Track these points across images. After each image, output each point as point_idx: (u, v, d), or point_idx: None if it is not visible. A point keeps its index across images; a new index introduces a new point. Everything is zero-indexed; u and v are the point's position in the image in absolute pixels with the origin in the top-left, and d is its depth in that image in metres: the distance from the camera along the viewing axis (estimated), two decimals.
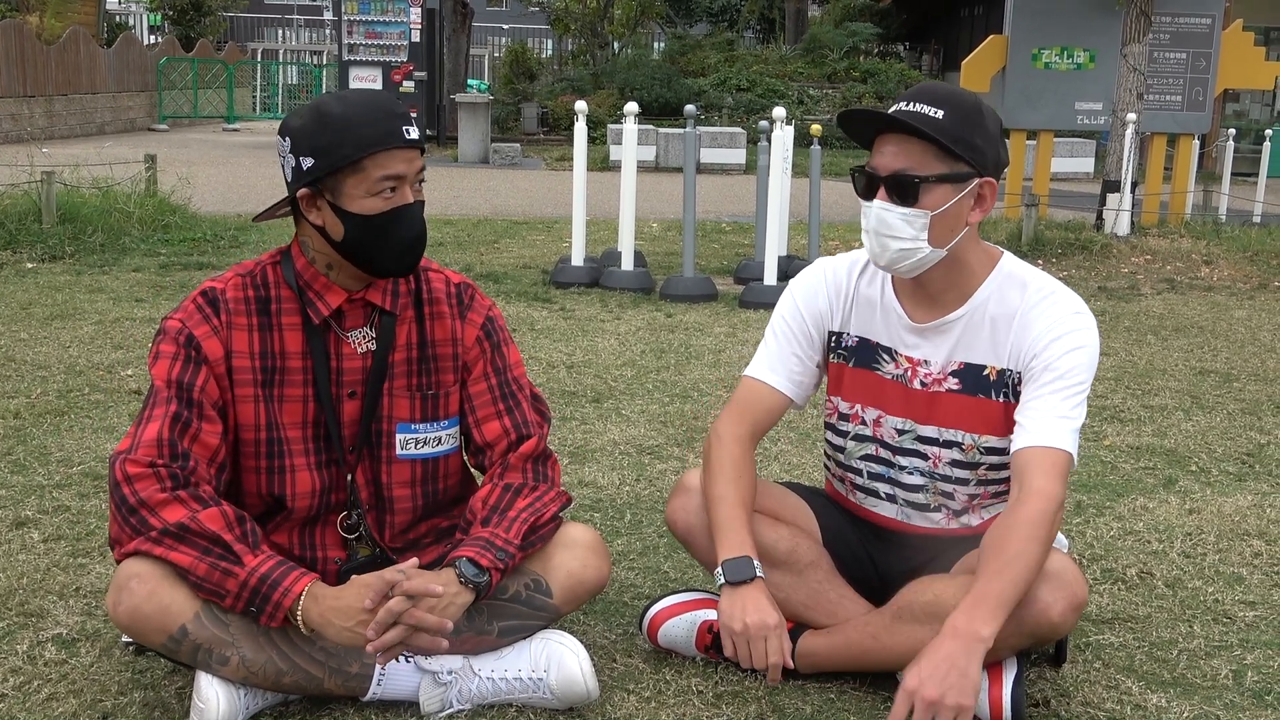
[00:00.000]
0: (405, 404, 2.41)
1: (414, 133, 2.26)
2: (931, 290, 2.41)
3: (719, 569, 2.34)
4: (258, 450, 2.34)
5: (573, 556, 2.40)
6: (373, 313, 2.39)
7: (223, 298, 2.32)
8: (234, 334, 2.30)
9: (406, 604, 2.16)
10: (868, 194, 2.32)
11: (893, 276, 2.47)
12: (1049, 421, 2.29)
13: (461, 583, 2.21)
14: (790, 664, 2.37)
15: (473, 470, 2.58)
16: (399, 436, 2.41)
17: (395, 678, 2.30)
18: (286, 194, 2.33)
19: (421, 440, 2.43)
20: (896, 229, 2.29)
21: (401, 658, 2.28)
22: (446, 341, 2.44)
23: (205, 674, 2.21)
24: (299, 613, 2.15)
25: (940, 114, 2.24)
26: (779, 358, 2.54)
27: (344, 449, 2.38)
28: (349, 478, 2.40)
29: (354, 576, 2.23)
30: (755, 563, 2.33)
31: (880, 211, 2.29)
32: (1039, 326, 2.34)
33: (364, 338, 2.38)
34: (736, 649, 2.27)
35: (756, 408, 2.53)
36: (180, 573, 2.15)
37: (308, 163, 2.23)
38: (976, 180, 2.31)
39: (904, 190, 2.27)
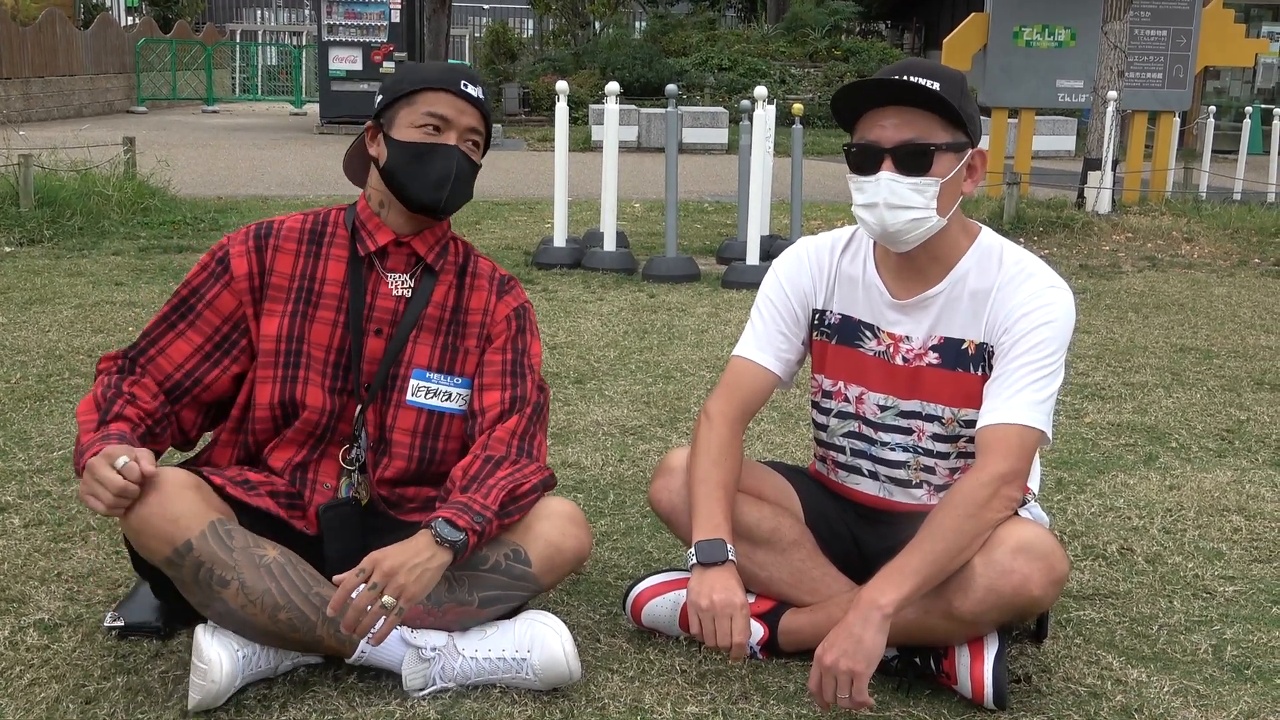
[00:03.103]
0: (426, 352, 2.51)
1: (474, 91, 2.46)
2: (916, 265, 2.41)
3: (692, 549, 2.35)
4: (277, 360, 2.47)
5: (551, 526, 2.41)
6: (416, 263, 2.52)
7: (277, 227, 2.52)
8: (278, 256, 2.49)
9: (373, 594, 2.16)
10: (869, 168, 2.31)
11: (875, 254, 2.47)
12: (1011, 398, 2.30)
13: (438, 543, 2.21)
14: (754, 650, 2.43)
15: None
16: (413, 382, 2.50)
17: (382, 644, 2.31)
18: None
19: (433, 391, 2.51)
20: (908, 199, 2.29)
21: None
22: (479, 311, 2.55)
23: (206, 635, 2.23)
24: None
25: (937, 86, 2.25)
26: (766, 336, 2.54)
27: (360, 382, 2.47)
28: (359, 410, 2.48)
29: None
30: (729, 546, 2.34)
31: (890, 183, 2.28)
32: (1013, 301, 2.36)
33: (402, 283, 2.52)
34: (702, 626, 2.28)
35: (745, 387, 2.54)
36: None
37: (379, 100, 2.50)
38: (970, 150, 2.33)
39: (916, 159, 2.27)
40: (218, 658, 2.22)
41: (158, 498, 2.20)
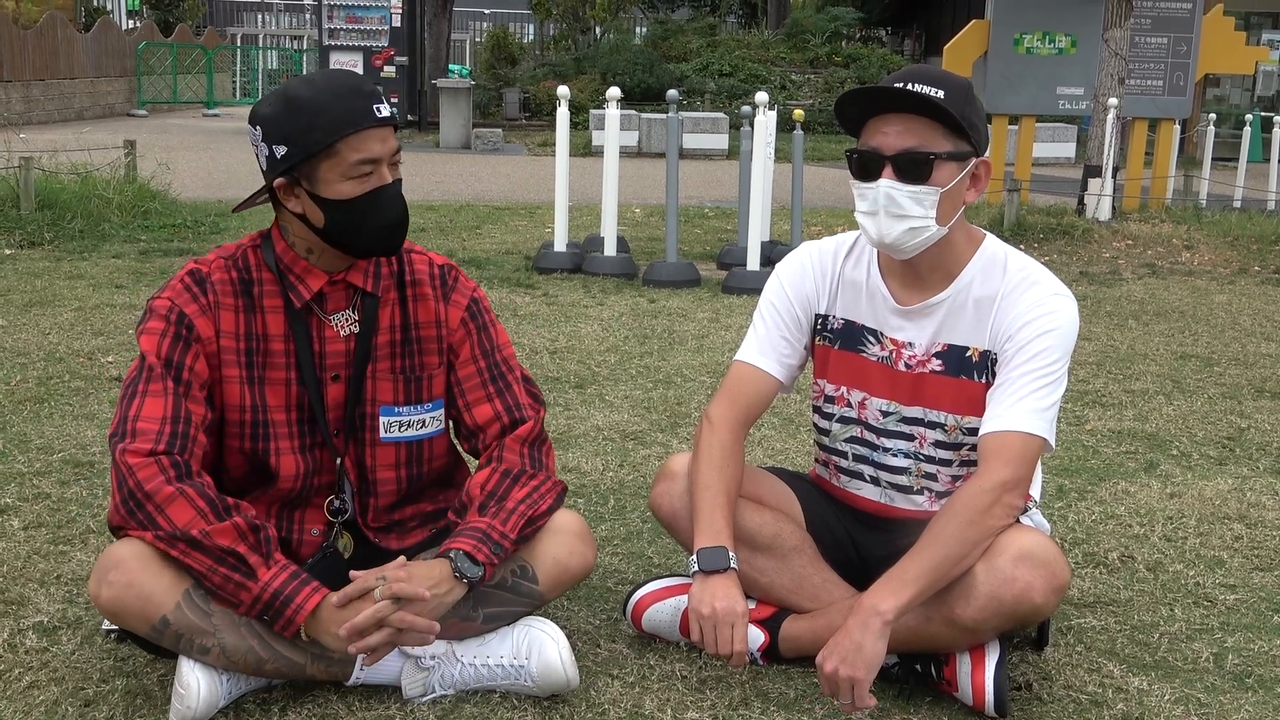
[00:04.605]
0: (389, 387, 2.40)
1: (385, 110, 2.24)
2: (920, 271, 2.41)
3: (693, 556, 2.35)
4: (243, 431, 2.32)
5: (559, 544, 2.39)
6: (355, 295, 2.38)
7: (209, 278, 2.31)
8: (221, 314, 2.30)
9: (392, 608, 2.14)
10: (870, 175, 2.31)
11: (879, 259, 2.47)
12: (1014, 405, 2.30)
13: (456, 577, 2.20)
14: (755, 656, 2.45)
15: (464, 455, 2.57)
16: (383, 420, 2.40)
17: (378, 662, 2.30)
18: (264, 183, 2.30)
19: (405, 423, 2.42)
20: (906, 208, 2.28)
21: None
22: (430, 324, 2.42)
23: (187, 660, 2.21)
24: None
25: (942, 94, 2.24)
26: (768, 341, 2.54)
27: (329, 433, 2.37)
28: (339, 462, 2.38)
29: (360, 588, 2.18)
30: (730, 554, 2.33)
31: (889, 190, 2.28)
32: (1017, 309, 2.35)
33: (346, 320, 2.37)
34: (703, 633, 2.28)
35: (747, 392, 2.53)
36: (196, 575, 2.14)
37: (281, 151, 2.21)
38: (974, 160, 2.32)
39: (916, 168, 2.27)
40: (196, 684, 2.19)
41: (125, 577, 2.13)
